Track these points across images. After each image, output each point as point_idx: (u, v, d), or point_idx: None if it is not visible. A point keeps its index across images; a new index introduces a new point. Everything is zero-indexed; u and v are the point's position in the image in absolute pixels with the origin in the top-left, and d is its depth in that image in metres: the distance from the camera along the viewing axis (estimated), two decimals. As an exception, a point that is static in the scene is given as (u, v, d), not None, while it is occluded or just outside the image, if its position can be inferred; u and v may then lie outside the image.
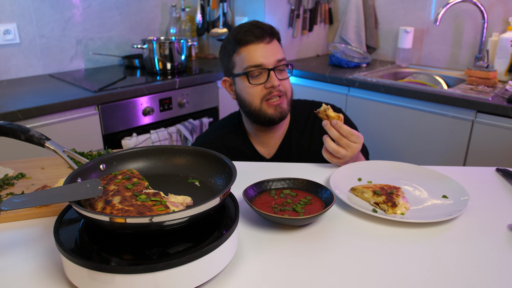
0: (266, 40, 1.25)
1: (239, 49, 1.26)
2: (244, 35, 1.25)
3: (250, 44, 1.24)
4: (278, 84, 1.25)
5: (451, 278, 0.68)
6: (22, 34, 2.20)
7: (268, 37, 1.25)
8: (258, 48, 1.24)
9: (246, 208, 0.87)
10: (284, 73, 1.30)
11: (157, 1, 2.72)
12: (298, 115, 1.40)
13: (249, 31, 1.24)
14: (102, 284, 0.58)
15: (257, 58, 1.24)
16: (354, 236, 0.80)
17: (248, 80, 1.26)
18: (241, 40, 1.25)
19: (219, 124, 1.50)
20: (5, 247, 0.75)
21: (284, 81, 1.28)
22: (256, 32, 1.24)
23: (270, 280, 0.66)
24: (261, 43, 1.24)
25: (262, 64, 1.24)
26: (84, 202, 0.67)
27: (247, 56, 1.25)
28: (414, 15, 2.58)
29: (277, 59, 1.25)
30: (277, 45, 1.28)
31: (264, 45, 1.25)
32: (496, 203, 0.93)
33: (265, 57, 1.24)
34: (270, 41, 1.26)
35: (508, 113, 1.73)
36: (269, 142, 1.38)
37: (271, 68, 1.24)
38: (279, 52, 1.27)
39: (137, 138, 2.05)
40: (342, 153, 1.05)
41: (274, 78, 1.24)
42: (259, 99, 1.27)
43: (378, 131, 2.19)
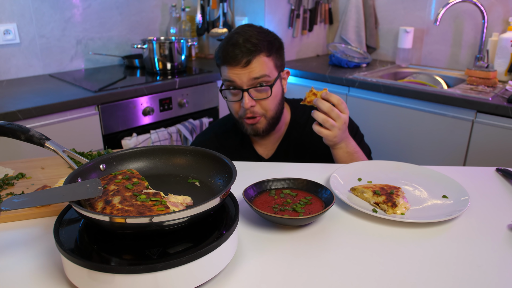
0: (242, 63, 1.19)
1: (219, 65, 1.26)
2: (219, 57, 1.23)
3: (227, 65, 1.22)
4: (250, 105, 1.21)
5: (451, 278, 0.68)
6: (22, 34, 2.20)
7: (245, 59, 1.18)
8: (233, 70, 1.21)
9: (246, 208, 0.87)
10: (263, 93, 1.23)
11: (157, 1, 2.72)
12: (299, 116, 1.40)
13: (224, 52, 1.21)
14: (102, 284, 0.58)
15: (230, 76, 1.22)
16: (354, 236, 0.80)
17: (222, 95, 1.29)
18: (221, 57, 1.23)
19: (218, 123, 1.50)
20: (5, 247, 0.75)
21: (262, 101, 1.23)
22: (230, 55, 1.19)
23: (270, 280, 0.66)
24: (236, 67, 1.20)
25: (234, 81, 1.21)
26: (84, 202, 0.67)
27: (223, 72, 1.25)
28: (414, 15, 2.58)
29: (252, 77, 1.19)
30: (259, 63, 1.20)
31: (240, 69, 1.20)
32: (496, 203, 0.93)
33: (238, 78, 1.20)
34: (248, 63, 1.19)
35: (508, 113, 1.73)
36: (267, 143, 1.38)
37: (244, 89, 1.21)
38: (258, 69, 1.20)
39: (137, 138, 2.05)
40: (331, 122, 1.08)
41: (246, 100, 1.20)
42: (237, 115, 1.28)
43: (378, 131, 2.19)
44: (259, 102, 1.24)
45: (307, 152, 1.35)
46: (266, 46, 1.22)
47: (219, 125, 1.48)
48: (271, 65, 1.24)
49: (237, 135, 1.40)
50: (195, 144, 1.43)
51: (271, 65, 1.24)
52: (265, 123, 1.28)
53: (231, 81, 1.22)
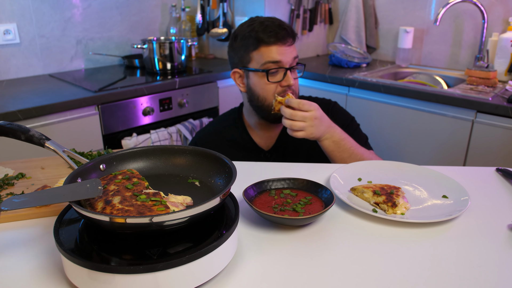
0: (289, 43, 1.27)
1: (260, 47, 1.27)
2: (268, 36, 1.25)
3: (273, 45, 1.26)
4: (293, 83, 1.28)
5: (451, 278, 0.68)
6: (22, 34, 2.20)
7: (291, 39, 1.27)
8: (279, 48, 1.26)
9: (246, 208, 0.87)
10: (296, 73, 1.32)
11: (157, 1, 2.72)
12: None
13: (273, 32, 1.25)
14: (102, 284, 0.58)
15: (277, 56, 1.26)
16: (354, 236, 0.80)
17: (267, 77, 1.27)
18: (264, 39, 1.25)
19: (219, 119, 1.53)
20: (5, 247, 0.75)
21: (296, 80, 1.31)
22: (280, 34, 1.25)
23: (270, 280, 0.66)
24: (284, 45, 1.26)
25: (281, 61, 1.26)
26: (84, 202, 0.67)
27: (267, 54, 1.26)
28: (414, 15, 2.58)
29: (294, 56, 1.28)
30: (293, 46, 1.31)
31: (287, 47, 1.27)
32: (496, 203, 0.93)
33: (284, 56, 1.26)
34: (292, 44, 1.28)
35: (508, 113, 1.73)
36: (268, 135, 1.41)
37: (288, 67, 1.27)
38: (295, 50, 1.30)
39: (137, 138, 2.05)
40: (298, 125, 1.13)
41: (290, 77, 1.27)
42: (273, 96, 1.29)
43: (378, 131, 2.19)
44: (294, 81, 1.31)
45: (305, 145, 1.36)
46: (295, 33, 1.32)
47: (219, 120, 1.51)
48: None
49: (237, 128, 1.42)
50: (196, 140, 1.45)
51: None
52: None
53: (277, 61, 1.26)
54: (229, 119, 1.47)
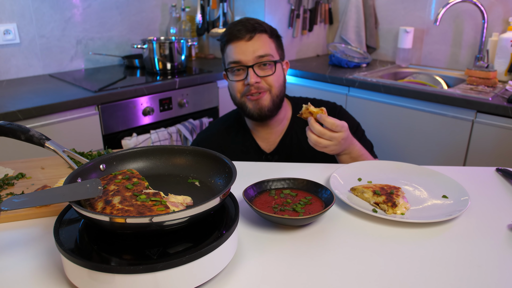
0: (246, 38, 1.26)
1: (225, 47, 1.31)
2: (227, 34, 1.29)
3: (231, 42, 1.28)
4: (255, 81, 1.26)
5: (451, 278, 0.68)
6: (22, 34, 2.20)
7: (249, 34, 1.25)
8: (237, 45, 1.26)
9: (246, 208, 0.87)
10: (268, 70, 1.29)
11: (157, 1, 2.72)
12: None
13: (230, 29, 1.28)
14: (102, 284, 0.58)
15: (235, 55, 1.26)
16: (354, 236, 0.80)
17: (228, 76, 1.32)
18: (224, 40, 1.30)
19: (220, 120, 1.53)
20: (5, 247, 0.75)
21: (267, 78, 1.28)
22: (236, 30, 1.26)
23: (270, 280, 0.66)
24: (241, 40, 1.26)
25: (240, 60, 1.26)
26: (84, 202, 0.67)
27: (229, 53, 1.29)
28: (414, 15, 2.58)
29: (257, 55, 1.26)
30: (262, 41, 1.28)
31: (244, 43, 1.26)
32: (496, 203, 0.93)
33: (243, 54, 1.26)
34: (251, 38, 1.26)
35: (508, 113, 1.73)
36: (268, 137, 1.40)
37: (249, 65, 1.26)
38: (262, 48, 1.27)
39: (137, 138, 2.05)
40: (323, 143, 1.09)
41: (251, 75, 1.26)
42: (239, 94, 1.31)
43: (378, 131, 2.19)
44: (264, 79, 1.28)
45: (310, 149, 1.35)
46: (268, 29, 1.30)
47: (221, 121, 1.51)
48: (273, 47, 1.30)
49: (239, 130, 1.42)
50: (198, 141, 1.45)
51: (273, 46, 1.30)
52: (270, 100, 1.30)
53: (236, 61, 1.27)
54: (230, 120, 1.47)
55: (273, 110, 1.32)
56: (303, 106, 1.12)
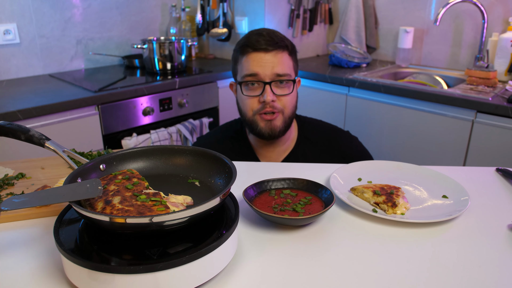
0: (266, 51, 1.19)
1: (241, 58, 1.24)
2: (246, 42, 1.22)
3: (249, 52, 1.21)
4: (272, 100, 1.19)
5: (451, 278, 0.68)
6: (22, 34, 2.20)
7: (270, 47, 1.19)
8: (256, 57, 1.20)
9: (246, 208, 0.87)
10: (285, 89, 1.23)
11: (157, 1, 2.72)
12: (308, 132, 1.36)
13: (249, 38, 1.21)
14: (102, 284, 0.58)
15: (253, 67, 1.19)
16: (354, 236, 0.80)
17: (242, 90, 1.24)
18: (242, 50, 1.22)
19: (220, 129, 1.46)
20: (5, 247, 0.75)
21: (282, 97, 1.22)
22: (256, 40, 1.20)
23: (270, 280, 0.66)
24: (260, 52, 1.19)
25: (258, 74, 1.19)
26: (84, 202, 0.67)
27: (245, 65, 1.22)
28: (414, 15, 2.58)
29: (275, 72, 1.19)
30: (283, 59, 1.21)
31: (263, 55, 1.19)
32: (496, 203, 0.93)
33: (262, 67, 1.19)
34: (271, 51, 1.19)
35: (508, 113, 1.73)
36: (270, 155, 1.33)
37: (267, 81, 1.19)
38: (282, 66, 1.20)
39: (137, 138, 2.05)
40: None
41: (268, 93, 1.19)
42: (252, 111, 1.24)
43: (378, 131, 2.19)
44: (279, 98, 1.22)
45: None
46: (289, 45, 1.24)
47: (220, 130, 1.44)
48: (291, 65, 1.24)
49: (239, 142, 1.36)
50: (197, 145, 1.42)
51: (291, 65, 1.24)
52: (282, 121, 1.24)
53: (254, 73, 1.19)
54: (230, 130, 1.40)
55: (284, 131, 1.26)
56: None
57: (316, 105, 2.41)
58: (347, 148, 1.33)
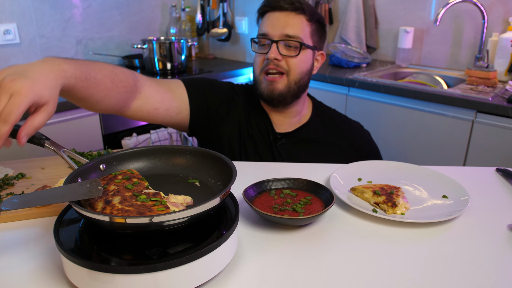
0: (281, 8, 1.20)
1: (260, 17, 1.28)
2: (264, 3, 1.25)
3: (267, 12, 1.24)
4: (274, 57, 1.19)
5: (451, 278, 0.68)
6: (22, 34, 2.20)
7: (285, 5, 1.19)
8: (269, 17, 1.22)
9: (246, 208, 0.87)
10: (292, 51, 1.21)
11: (157, 1, 2.72)
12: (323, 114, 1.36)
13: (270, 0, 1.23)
14: (102, 284, 0.58)
15: (265, 27, 1.22)
16: (354, 236, 0.80)
17: (253, 47, 1.28)
18: (262, 7, 1.26)
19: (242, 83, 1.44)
20: (5, 247, 0.75)
21: (289, 58, 1.20)
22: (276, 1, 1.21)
23: (270, 280, 0.66)
24: (274, 12, 1.21)
25: (267, 33, 1.21)
26: (84, 202, 0.67)
27: (261, 24, 1.26)
28: (414, 15, 2.58)
29: (285, 33, 1.18)
30: (296, 21, 1.20)
31: (277, 15, 1.20)
32: (496, 203, 0.93)
33: (272, 27, 1.20)
34: (285, 10, 1.19)
35: (508, 113, 1.73)
36: (281, 123, 1.30)
37: (275, 40, 1.19)
38: (293, 28, 1.19)
39: (137, 138, 2.05)
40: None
41: (272, 50, 1.19)
42: (259, 69, 1.25)
43: (378, 131, 2.19)
44: (286, 59, 1.21)
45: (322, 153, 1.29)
46: (310, 10, 1.22)
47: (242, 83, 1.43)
48: (307, 31, 1.22)
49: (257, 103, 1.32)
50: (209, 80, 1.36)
51: (307, 31, 1.22)
52: (285, 84, 1.22)
53: (264, 33, 1.22)
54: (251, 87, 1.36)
55: (286, 96, 1.23)
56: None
57: (316, 105, 2.41)
58: (359, 137, 1.34)
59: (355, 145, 1.31)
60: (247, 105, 1.32)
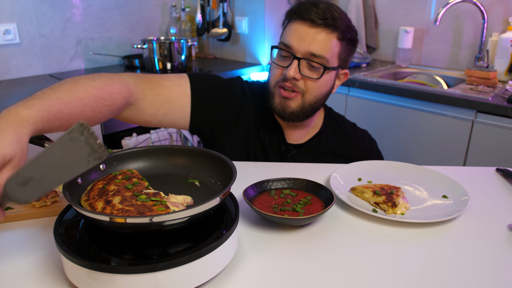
0: (312, 23, 1.08)
1: (287, 21, 1.16)
2: (295, 9, 1.12)
3: (295, 20, 1.11)
4: (293, 77, 1.09)
5: (451, 278, 0.68)
6: (22, 34, 2.20)
7: (318, 20, 1.07)
8: (298, 27, 1.09)
9: (246, 208, 0.87)
10: (314, 73, 1.11)
11: (157, 1, 2.72)
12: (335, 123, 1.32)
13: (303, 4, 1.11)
14: (102, 284, 0.58)
15: (290, 38, 1.10)
16: (354, 236, 0.80)
17: (273, 56, 1.17)
18: (291, 12, 1.13)
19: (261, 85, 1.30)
20: (5, 247, 0.75)
21: (309, 80, 1.11)
22: (306, 7, 1.09)
23: (270, 280, 0.66)
24: (305, 23, 1.08)
25: (292, 46, 1.09)
26: (84, 202, 0.68)
27: (287, 31, 1.13)
28: (414, 15, 2.58)
29: (310, 51, 1.08)
30: (325, 39, 1.08)
31: (307, 27, 1.08)
32: (496, 203, 0.93)
33: (298, 40, 1.09)
34: (316, 27, 1.07)
35: (508, 113, 1.73)
36: (292, 134, 1.25)
37: (297, 56, 1.09)
38: (320, 47, 1.08)
39: (137, 138, 2.05)
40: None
41: (292, 67, 1.09)
42: (274, 81, 1.15)
43: (378, 131, 2.19)
44: (305, 80, 1.12)
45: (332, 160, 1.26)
46: (343, 28, 1.10)
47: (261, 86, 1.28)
48: (335, 51, 1.12)
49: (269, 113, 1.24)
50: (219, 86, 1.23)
51: (335, 51, 1.12)
52: (299, 104, 1.14)
53: (288, 45, 1.10)
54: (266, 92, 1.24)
55: (299, 115, 1.16)
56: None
57: (316, 105, 2.41)
58: (367, 150, 1.32)
59: (364, 155, 1.28)
60: (259, 113, 1.24)
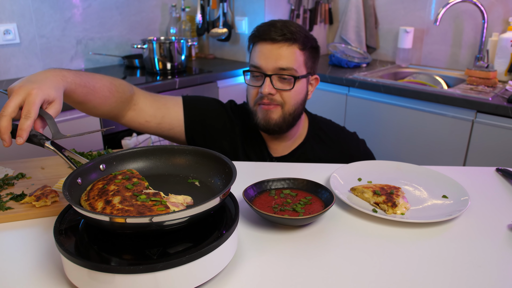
0: (273, 41, 1.17)
1: (251, 46, 1.25)
2: (256, 31, 1.21)
3: (257, 42, 1.20)
4: (268, 92, 1.17)
5: (451, 278, 0.68)
6: (22, 34, 2.20)
7: (277, 37, 1.16)
8: (262, 48, 1.19)
9: (246, 208, 0.87)
10: (286, 84, 1.19)
11: (157, 1, 2.72)
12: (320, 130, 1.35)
13: (261, 27, 1.20)
14: (102, 284, 0.58)
15: (257, 60, 1.19)
16: (354, 236, 0.80)
17: (246, 79, 1.25)
18: (252, 37, 1.22)
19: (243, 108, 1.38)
20: (5, 247, 0.75)
21: (283, 92, 1.19)
22: (264, 29, 1.18)
23: (270, 280, 0.66)
24: (267, 43, 1.17)
25: (260, 67, 1.18)
26: (84, 202, 0.68)
27: (252, 54, 1.22)
28: (414, 15, 2.58)
29: (278, 66, 1.16)
30: (289, 52, 1.17)
31: (269, 47, 1.17)
32: (496, 203, 0.93)
33: (265, 60, 1.17)
34: (277, 43, 1.16)
35: (508, 113, 1.73)
36: (277, 147, 1.32)
37: (268, 74, 1.17)
38: (286, 60, 1.17)
39: (137, 138, 2.05)
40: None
41: (266, 85, 1.17)
42: (253, 101, 1.24)
43: (378, 131, 2.19)
44: (280, 93, 1.20)
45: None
46: (302, 39, 1.19)
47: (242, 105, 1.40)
48: (301, 60, 1.20)
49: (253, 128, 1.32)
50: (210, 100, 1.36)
51: (301, 60, 1.20)
52: (280, 115, 1.21)
53: (257, 66, 1.19)
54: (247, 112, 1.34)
55: (282, 126, 1.23)
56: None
57: (316, 105, 2.41)
58: (355, 151, 1.33)
59: (352, 156, 1.28)
60: (244, 129, 1.33)
